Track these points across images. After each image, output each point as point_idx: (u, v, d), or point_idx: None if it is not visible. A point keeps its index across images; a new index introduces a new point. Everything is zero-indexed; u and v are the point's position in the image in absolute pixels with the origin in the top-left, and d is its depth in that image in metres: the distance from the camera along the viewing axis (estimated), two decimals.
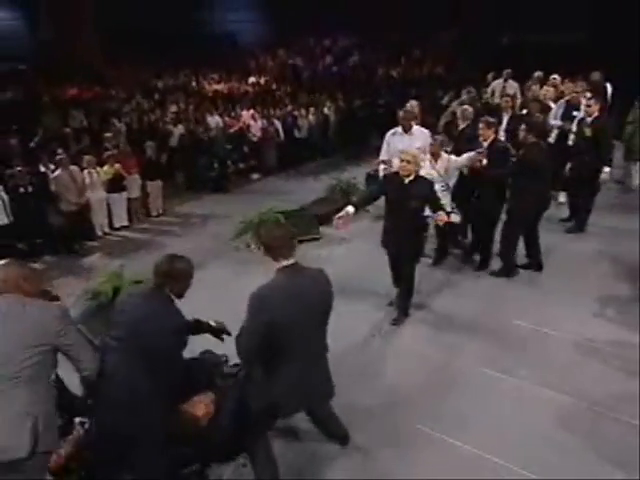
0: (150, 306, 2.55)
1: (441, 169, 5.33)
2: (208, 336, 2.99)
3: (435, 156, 5.36)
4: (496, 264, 5.64)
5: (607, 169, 6.05)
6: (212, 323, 2.99)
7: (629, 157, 7.95)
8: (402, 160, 4.37)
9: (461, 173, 5.51)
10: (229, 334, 2.95)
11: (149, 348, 2.45)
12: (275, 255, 2.62)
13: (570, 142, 6.88)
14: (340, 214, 4.29)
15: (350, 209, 4.28)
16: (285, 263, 2.62)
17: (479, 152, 5.19)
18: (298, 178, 10.07)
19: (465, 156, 5.31)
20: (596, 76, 8.80)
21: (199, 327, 2.93)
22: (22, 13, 20.61)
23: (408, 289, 4.67)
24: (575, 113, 6.89)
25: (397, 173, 4.48)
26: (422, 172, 5.12)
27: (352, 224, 7.13)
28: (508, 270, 5.49)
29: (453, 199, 5.49)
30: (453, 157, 5.40)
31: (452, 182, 5.47)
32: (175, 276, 2.57)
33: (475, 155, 5.19)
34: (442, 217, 4.31)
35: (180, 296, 2.64)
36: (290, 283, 2.60)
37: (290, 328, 2.54)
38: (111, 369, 2.45)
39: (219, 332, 2.99)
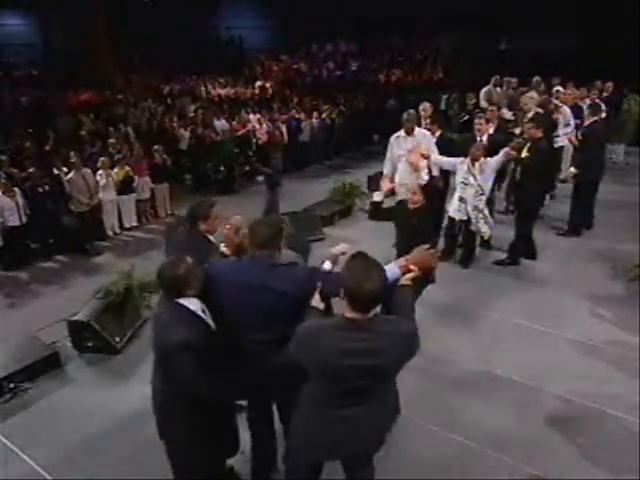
0: None
1: (476, 171, 5.44)
2: None
3: (474, 160, 5.45)
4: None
5: (572, 169, 6.34)
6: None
7: (620, 140, 9.06)
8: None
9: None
10: None
11: None
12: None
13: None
14: None
15: None
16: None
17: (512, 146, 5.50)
18: (302, 180, 10.24)
19: (500, 153, 5.51)
20: (605, 86, 9.19)
21: None
22: (35, 20, 20.96)
23: None
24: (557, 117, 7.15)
25: None
26: (458, 177, 5.52)
27: (354, 225, 7.49)
28: (515, 259, 5.86)
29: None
30: (489, 159, 5.53)
31: (488, 186, 5.54)
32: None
33: (507, 151, 5.45)
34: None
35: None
36: None
37: None
38: None
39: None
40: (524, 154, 5.56)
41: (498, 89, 9.30)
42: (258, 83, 15.82)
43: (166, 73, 16.94)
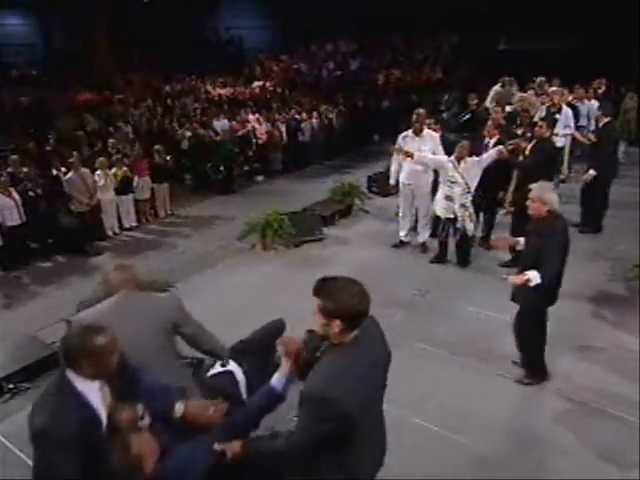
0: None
1: (464, 171, 5.51)
2: None
3: (459, 159, 5.52)
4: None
5: (592, 171, 6.31)
6: None
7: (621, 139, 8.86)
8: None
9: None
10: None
11: None
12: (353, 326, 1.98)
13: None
14: None
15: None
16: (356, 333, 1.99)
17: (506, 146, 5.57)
18: (302, 180, 10.25)
19: (490, 152, 5.58)
20: (598, 83, 9.21)
21: None
22: (35, 20, 20.96)
23: None
24: (557, 116, 7.13)
25: None
26: (445, 175, 5.58)
27: (354, 225, 7.48)
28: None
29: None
30: (476, 158, 5.59)
31: (474, 184, 5.58)
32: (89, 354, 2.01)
33: (500, 149, 5.52)
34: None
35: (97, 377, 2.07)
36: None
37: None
38: None
39: None
40: (527, 153, 5.57)
41: (503, 90, 9.34)
42: (258, 83, 15.83)
43: (166, 73, 16.94)
